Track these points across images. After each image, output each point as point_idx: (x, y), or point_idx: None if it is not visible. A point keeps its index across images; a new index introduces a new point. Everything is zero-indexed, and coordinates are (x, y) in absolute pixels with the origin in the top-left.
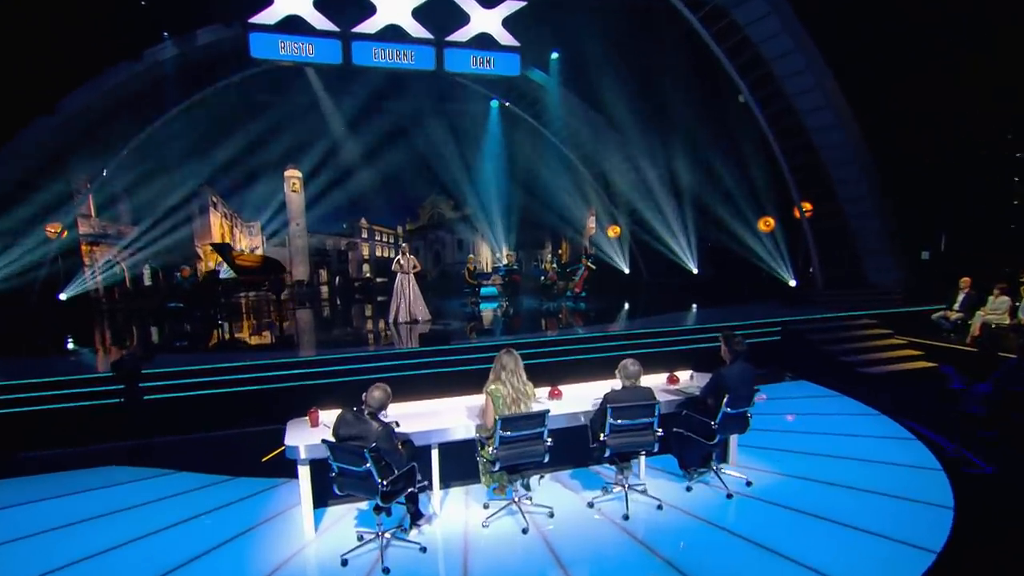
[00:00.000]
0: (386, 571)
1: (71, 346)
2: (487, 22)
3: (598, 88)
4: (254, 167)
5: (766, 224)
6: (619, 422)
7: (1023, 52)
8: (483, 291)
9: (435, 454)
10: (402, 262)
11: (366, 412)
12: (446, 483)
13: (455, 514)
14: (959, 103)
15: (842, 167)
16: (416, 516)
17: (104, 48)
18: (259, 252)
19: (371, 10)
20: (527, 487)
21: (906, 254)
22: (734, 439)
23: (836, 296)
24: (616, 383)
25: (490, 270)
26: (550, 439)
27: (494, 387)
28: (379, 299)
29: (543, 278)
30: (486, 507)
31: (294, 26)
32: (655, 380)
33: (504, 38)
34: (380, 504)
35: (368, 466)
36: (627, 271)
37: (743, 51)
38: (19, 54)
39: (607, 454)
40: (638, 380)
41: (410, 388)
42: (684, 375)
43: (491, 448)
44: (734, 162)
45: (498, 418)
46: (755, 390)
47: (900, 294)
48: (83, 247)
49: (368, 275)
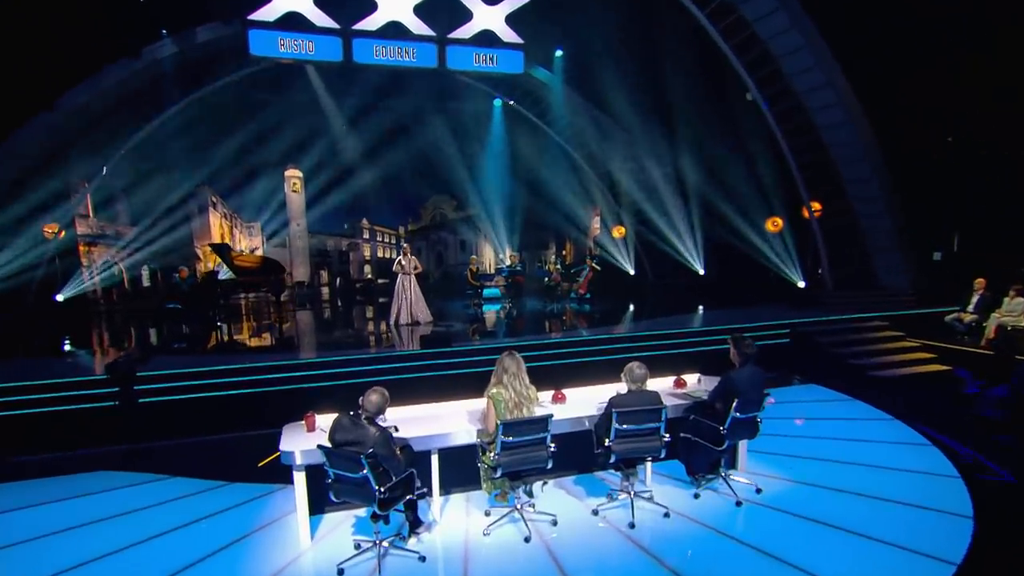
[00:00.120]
0: None
1: (67, 348)
2: (490, 19)
3: (603, 86)
4: (254, 167)
5: (774, 224)
6: (624, 427)
7: None
8: (486, 292)
9: (435, 460)
10: (403, 263)
11: (363, 417)
12: (446, 489)
13: (455, 522)
14: (974, 99)
15: (852, 165)
16: (415, 524)
17: (102, 45)
18: (259, 253)
19: (372, 7)
20: (530, 494)
21: (918, 254)
22: (743, 444)
23: (846, 297)
24: (621, 387)
25: (493, 271)
26: (553, 444)
27: (496, 391)
28: (381, 300)
29: (547, 279)
30: (487, 514)
31: (294, 23)
32: (661, 384)
33: (507, 35)
34: (377, 512)
35: (365, 472)
36: (632, 272)
37: (751, 48)
38: (18, 51)
39: (612, 460)
40: (644, 384)
41: (410, 391)
42: (691, 378)
43: (492, 454)
44: (741, 161)
45: (500, 423)
46: (765, 394)
47: (912, 295)
48: (81, 247)
49: (369, 276)
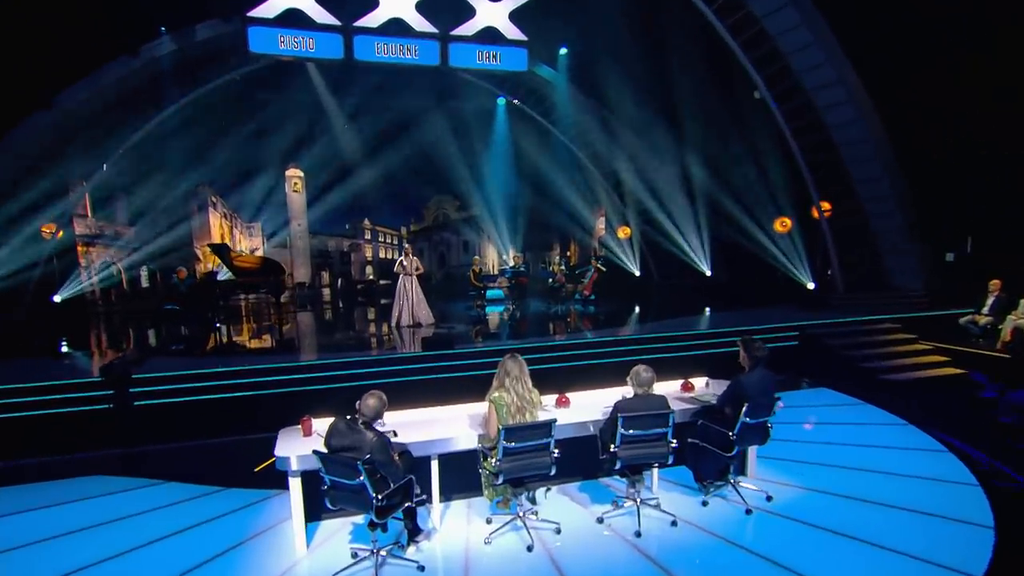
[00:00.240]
0: None
1: (63, 350)
2: (493, 16)
3: (608, 84)
4: (254, 166)
5: (782, 225)
6: (630, 432)
7: None
8: (489, 294)
9: (435, 465)
10: (405, 263)
11: (360, 421)
12: (447, 496)
13: (456, 529)
14: (988, 96)
15: (863, 164)
16: (414, 532)
17: (101, 43)
18: (259, 253)
19: (373, 3)
20: (533, 501)
21: (930, 255)
22: (753, 450)
23: (856, 299)
24: (627, 391)
25: (496, 272)
26: (557, 450)
27: (497, 395)
28: (383, 302)
29: (551, 280)
30: (489, 522)
31: (294, 20)
32: (668, 387)
33: (511, 32)
34: (375, 520)
35: (362, 479)
36: (637, 273)
37: (760, 44)
38: (15, 48)
39: (618, 466)
40: (651, 387)
41: (411, 395)
42: (699, 382)
43: (494, 460)
44: (749, 160)
45: (501, 428)
46: (776, 399)
47: (924, 297)
48: (79, 247)
49: (371, 277)
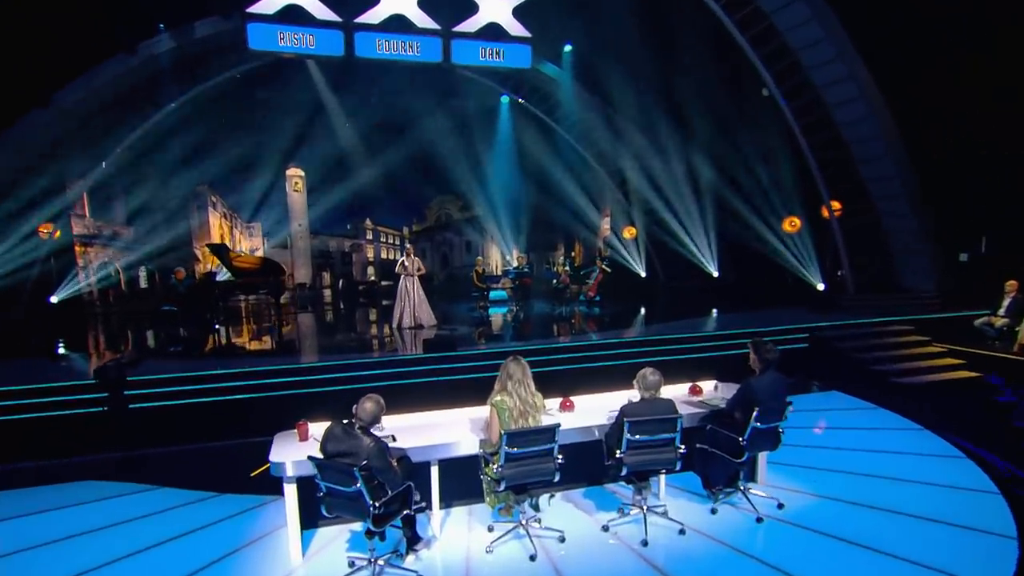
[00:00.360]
0: None
1: (60, 351)
2: (497, 12)
3: (613, 81)
4: (255, 166)
5: (791, 224)
6: (637, 437)
7: None
8: (492, 295)
9: (435, 471)
10: (406, 264)
11: (357, 426)
12: (447, 502)
13: (456, 537)
14: (1004, 92)
15: (874, 163)
16: (413, 540)
17: (98, 41)
18: (259, 253)
19: None
20: (536, 508)
21: (943, 255)
22: (763, 456)
23: (867, 301)
24: (634, 394)
25: (500, 273)
26: (561, 456)
27: (499, 398)
28: (384, 303)
29: (555, 281)
30: (491, 530)
31: (294, 16)
32: (676, 391)
33: (515, 28)
34: (372, 528)
35: (358, 486)
36: (643, 274)
37: (768, 40)
38: (10, 46)
39: (624, 472)
40: (658, 391)
41: (412, 398)
42: (708, 385)
43: (496, 466)
44: (757, 158)
45: (503, 433)
46: (787, 403)
47: (937, 299)
48: (77, 248)
49: (373, 278)
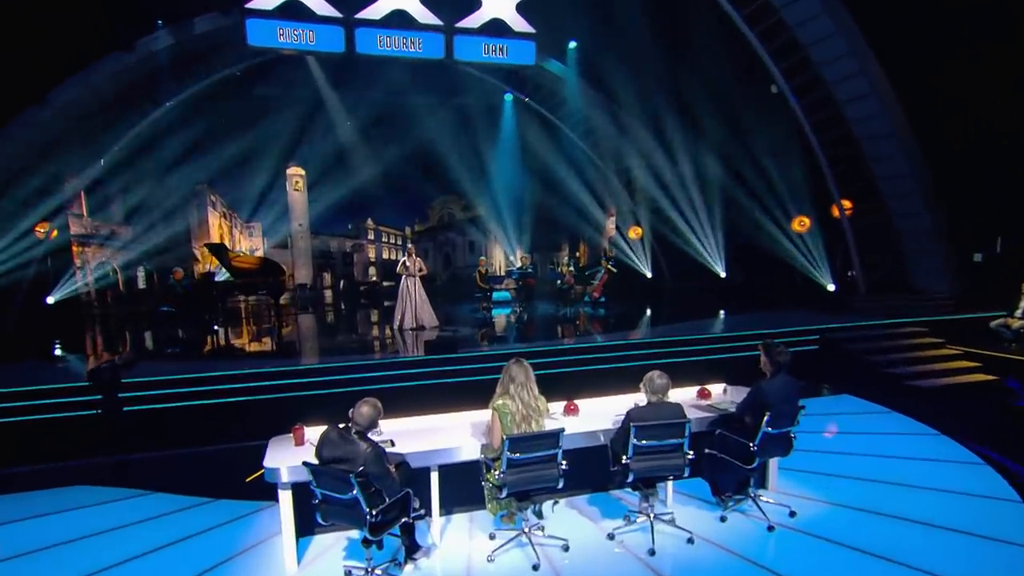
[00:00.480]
0: None
1: (56, 352)
2: (500, 7)
3: (619, 79)
4: (254, 164)
5: (801, 224)
6: (644, 443)
7: None
8: (495, 296)
9: (435, 477)
10: (408, 264)
11: (353, 431)
12: (447, 509)
13: (457, 546)
14: (1020, 89)
15: (886, 161)
16: (412, 549)
17: (95, 38)
18: (259, 253)
19: None
20: (539, 515)
21: (957, 256)
22: (774, 462)
23: (879, 302)
24: (640, 398)
25: (503, 273)
26: (565, 462)
27: (501, 402)
28: (386, 304)
29: (560, 282)
30: (492, 538)
31: (294, 11)
32: (684, 394)
33: (519, 24)
34: (369, 537)
35: (355, 493)
36: (649, 274)
37: (778, 35)
38: (6, 43)
39: (630, 479)
40: (665, 395)
41: (413, 401)
42: (716, 389)
43: (497, 472)
44: (766, 156)
45: (505, 437)
46: (799, 407)
47: (950, 300)
48: (74, 247)
49: (374, 278)
